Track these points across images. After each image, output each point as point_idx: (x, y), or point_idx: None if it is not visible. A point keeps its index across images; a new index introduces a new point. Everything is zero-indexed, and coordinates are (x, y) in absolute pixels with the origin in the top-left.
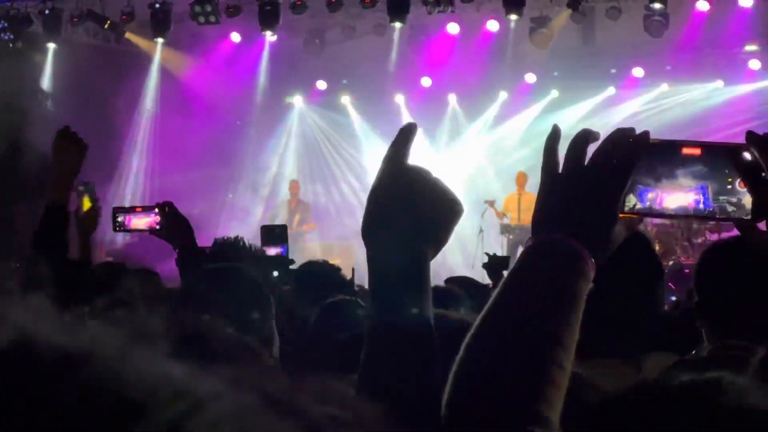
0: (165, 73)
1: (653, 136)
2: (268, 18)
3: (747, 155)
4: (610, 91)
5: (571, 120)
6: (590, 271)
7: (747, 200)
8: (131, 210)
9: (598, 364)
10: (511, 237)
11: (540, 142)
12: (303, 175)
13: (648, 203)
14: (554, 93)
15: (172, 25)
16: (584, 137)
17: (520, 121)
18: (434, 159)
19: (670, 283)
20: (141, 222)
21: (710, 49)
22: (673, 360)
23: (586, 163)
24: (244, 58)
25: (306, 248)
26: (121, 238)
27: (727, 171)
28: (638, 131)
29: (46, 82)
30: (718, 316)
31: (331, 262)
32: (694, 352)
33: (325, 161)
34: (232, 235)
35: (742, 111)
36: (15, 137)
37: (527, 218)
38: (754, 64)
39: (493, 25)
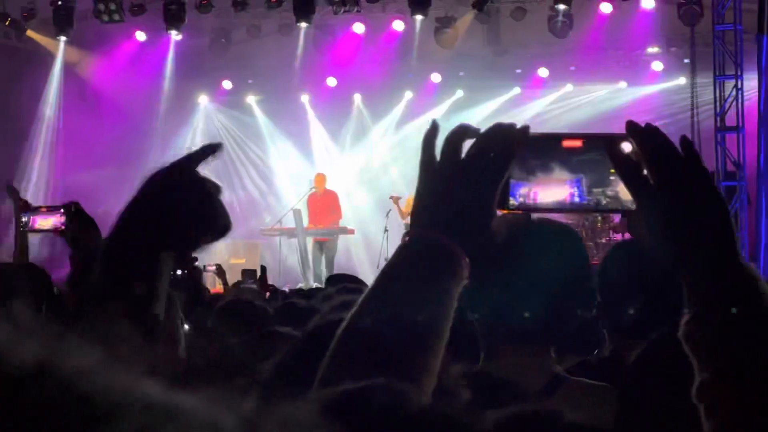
0: (69, 71)
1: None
2: (174, 17)
3: (626, 146)
4: (516, 91)
5: (476, 120)
6: (464, 269)
7: (624, 192)
8: (36, 210)
9: (512, 362)
10: None
11: None
12: (209, 175)
13: (521, 198)
14: (459, 93)
15: (75, 23)
16: (461, 132)
17: (425, 121)
18: (339, 158)
19: None
20: (46, 222)
21: (613, 50)
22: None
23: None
24: (150, 58)
25: (211, 247)
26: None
27: (607, 162)
28: (543, 131)
29: None
30: (616, 316)
31: (237, 261)
32: (596, 352)
33: (231, 161)
34: None
35: (645, 111)
36: None
37: None
38: (657, 66)
39: (398, 25)
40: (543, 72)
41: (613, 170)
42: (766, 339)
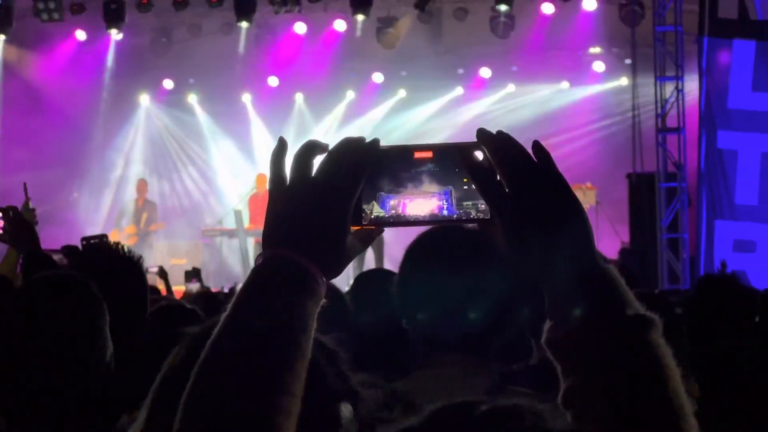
0: (8, 70)
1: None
2: (113, 16)
3: (478, 154)
4: (458, 91)
5: (418, 120)
6: (320, 287)
7: None
8: None
9: (450, 364)
10: None
11: (388, 141)
12: (150, 175)
13: (392, 211)
14: (402, 93)
15: (14, 22)
16: (309, 147)
17: (368, 121)
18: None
19: None
20: None
21: (555, 50)
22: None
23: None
24: (90, 57)
25: (153, 247)
26: None
27: (461, 172)
28: (490, 131)
29: None
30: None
31: (178, 262)
32: (522, 363)
33: (172, 160)
34: (77, 236)
35: (587, 112)
36: None
37: None
38: (598, 66)
39: (340, 25)
40: (485, 72)
41: (466, 179)
42: (622, 344)
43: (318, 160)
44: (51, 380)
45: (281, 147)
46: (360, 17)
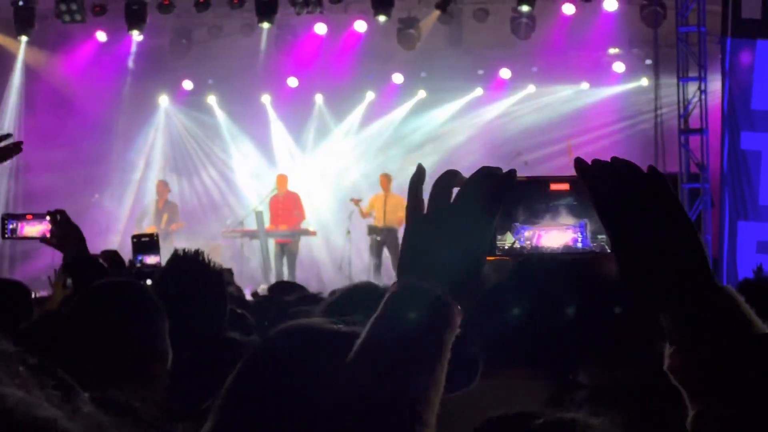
0: (30, 72)
1: (523, 138)
2: (135, 17)
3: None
4: (478, 92)
5: (438, 121)
6: (456, 317)
7: None
8: (22, 217)
9: (511, 375)
10: (378, 238)
11: (408, 143)
12: (170, 176)
13: (526, 242)
14: (422, 94)
15: (36, 24)
16: (448, 178)
17: (388, 122)
18: (301, 159)
19: None
20: (33, 230)
21: (576, 51)
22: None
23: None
24: (110, 58)
25: (173, 248)
26: None
27: None
28: (505, 133)
29: None
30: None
31: None
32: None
33: (192, 161)
34: (101, 236)
35: (608, 113)
36: None
37: (392, 220)
38: (618, 67)
39: (360, 26)
40: (505, 73)
41: None
42: (758, 364)
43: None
44: (113, 386)
45: (420, 174)
46: (381, 18)
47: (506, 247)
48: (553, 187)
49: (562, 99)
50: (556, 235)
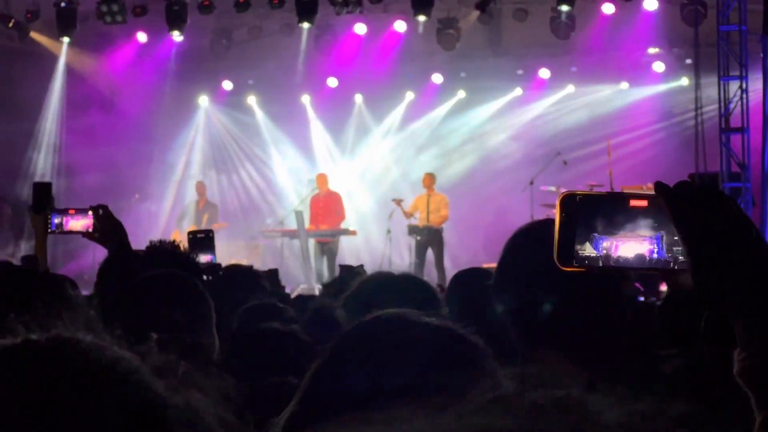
0: (71, 72)
1: (562, 138)
2: (175, 18)
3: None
4: (517, 92)
5: (477, 120)
6: None
7: None
8: (65, 212)
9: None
10: (419, 238)
11: (447, 142)
12: (209, 176)
13: (603, 251)
14: (461, 94)
15: (78, 25)
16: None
17: (427, 122)
18: (340, 159)
19: (637, 284)
20: (77, 224)
21: (615, 51)
22: None
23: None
24: (151, 59)
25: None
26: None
27: None
28: (545, 133)
29: None
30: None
31: (238, 262)
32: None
33: (232, 161)
34: (141, 236)
35: (646, 112)
36: None
37: (435, 219)
38: (658, 67)
39: (400, 26)
40: (544, 73)
41: None
42: None
43: None
44: None
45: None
46: (421, 18)
47: (584, 256)
48: (633, 203)
49: (602, 99)
50: (633, 245)
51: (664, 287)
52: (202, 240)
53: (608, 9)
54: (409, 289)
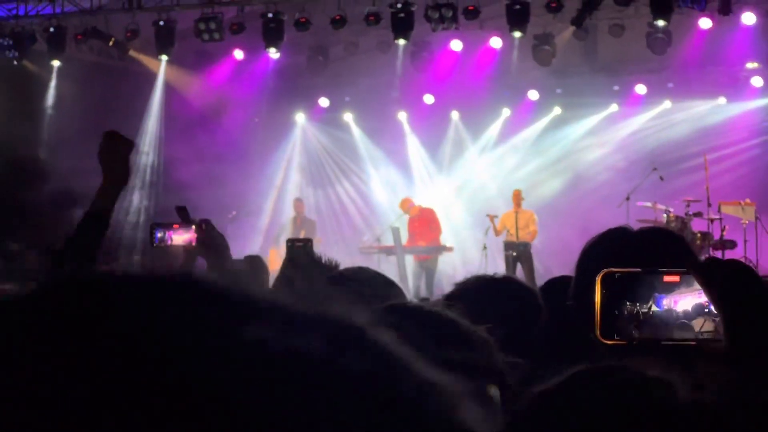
0: (169, 90)
1: (659, 153)
2: (272, 35)
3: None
4: (613, 108)
5: (574, 137)
6: None
7: None
8: (169, 226)
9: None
10: (514, 254)
11: (543, 159)
12: (306, 192)
13: (664, 308)
14: (557, 110)
15: (176, 42)
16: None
17: (523, 138)
18: (437, 176)
19: None
20: (180, 238)
21: (712, 66)
22: None
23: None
24: (248, 75)
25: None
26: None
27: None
28: (641, 149)
29: (50, 99)
30: None
31: None
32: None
33: (329, 178)
34: (238, 254)
35: (744, 128)
36: (18, 155)
37: (524, 235)
38: (757, 82)
39: (496, 42)
40: (641, 89)
41: None
42: None
43: None
44: None
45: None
46: (517, 34)
47: (624, 329)
48: (666, 279)
49: (699, 114)
50: (690, 299)
51: None
52: (301, 249)
53: (705, 23)
54: (509, 292)
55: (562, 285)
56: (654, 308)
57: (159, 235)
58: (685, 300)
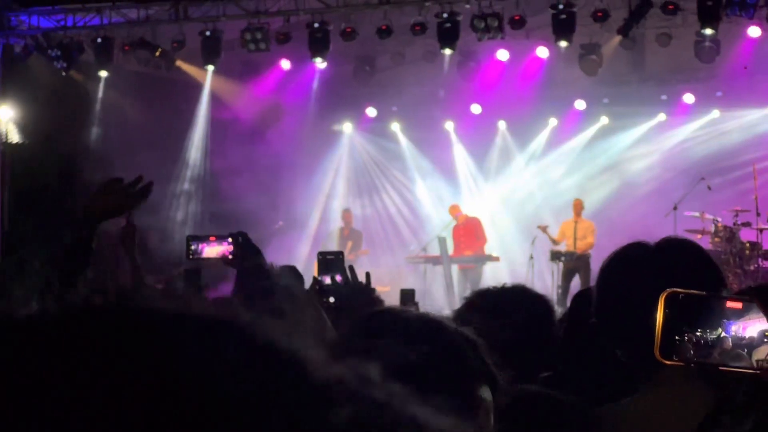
0: (215, 100)
1: (707, 163)
2: (319, 45)
3: None
4: (661, 117)
5: (621, 146)
6: None
7: None
8: (205, 238)
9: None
10: (569, 263)
11: (590, 169)
12: (353, 202)
13: (733, 334)
14: (604, 120)
15: (222, 53)
16: None
17: (570, 148)
18: (484, 185)
19: None
20: (214, 251)
21: (761, 74)
22: None
23: None
24: (294, 86)
25: (359, 275)
26: None
27: None
28: (689, 159)
29: (97, 109)
30: None
31: (383, 289)
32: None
33: (376, 188)
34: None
35: None
36: (66, 165)
37: (581, 246)
38: None
39: (542, 52)
40: (689, 98)
41: None
42: None
43: None
44: None
45: None
46: (563, 44)
47: (683, 351)
48: (729, 304)
49: (748, 123)
50: (759, 324)
51: None
52: (332, 261)
53: (754, 32)
54: (522, 301)
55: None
56: (722, 333)
57: (194, 247)
58: (753, 326)
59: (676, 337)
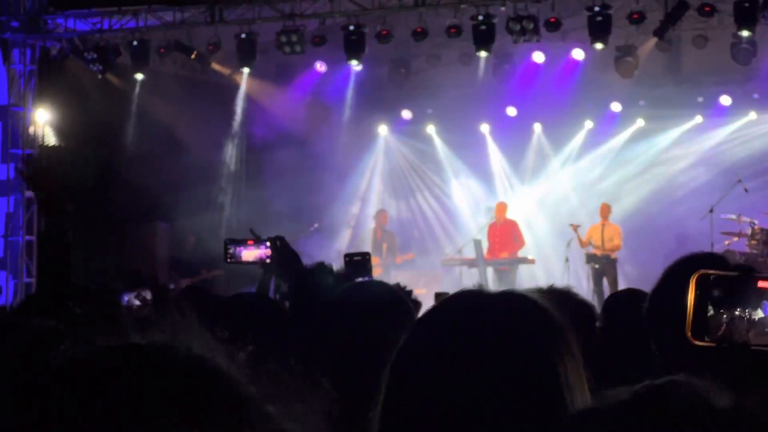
0: (251, 102)
1: (743, 165)
2: (354, 48)
3: None
4: (697, 120)
5: (657, 149)
6: None
7: None
8: (243, 242)
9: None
10: (596, 266)
11: (626, 171)
12: (388, 204)
13: (733, 328)
14: (640, 122)
15: (258, 55)
16: None
17: (606, 150)
18: (519, 188)
19: None
20: (251, 254)
21: None
22: None
23: None
24: (330, 88)
25: (391, 277)
26: None
27: None
28: (725, 161)
29: (133, 112)
30: None
31: (419, 291)
32: None
33: (411, 190)
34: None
35: None
36: (104, 168)
37: (609, 248)
38: None
39: (578, 54)
40: (725, 100)
41: None
42: None
43: None
44: None
45: None
46: (599, 46)
47: (715, 331)
48: (761, 284)
49: None
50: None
51: None
52: (359, 263)
53: None
54: (566, 304)
55: (627, 298)
56: (753, 313)
57: (231, 251)
58: None
59: (708, 318)
